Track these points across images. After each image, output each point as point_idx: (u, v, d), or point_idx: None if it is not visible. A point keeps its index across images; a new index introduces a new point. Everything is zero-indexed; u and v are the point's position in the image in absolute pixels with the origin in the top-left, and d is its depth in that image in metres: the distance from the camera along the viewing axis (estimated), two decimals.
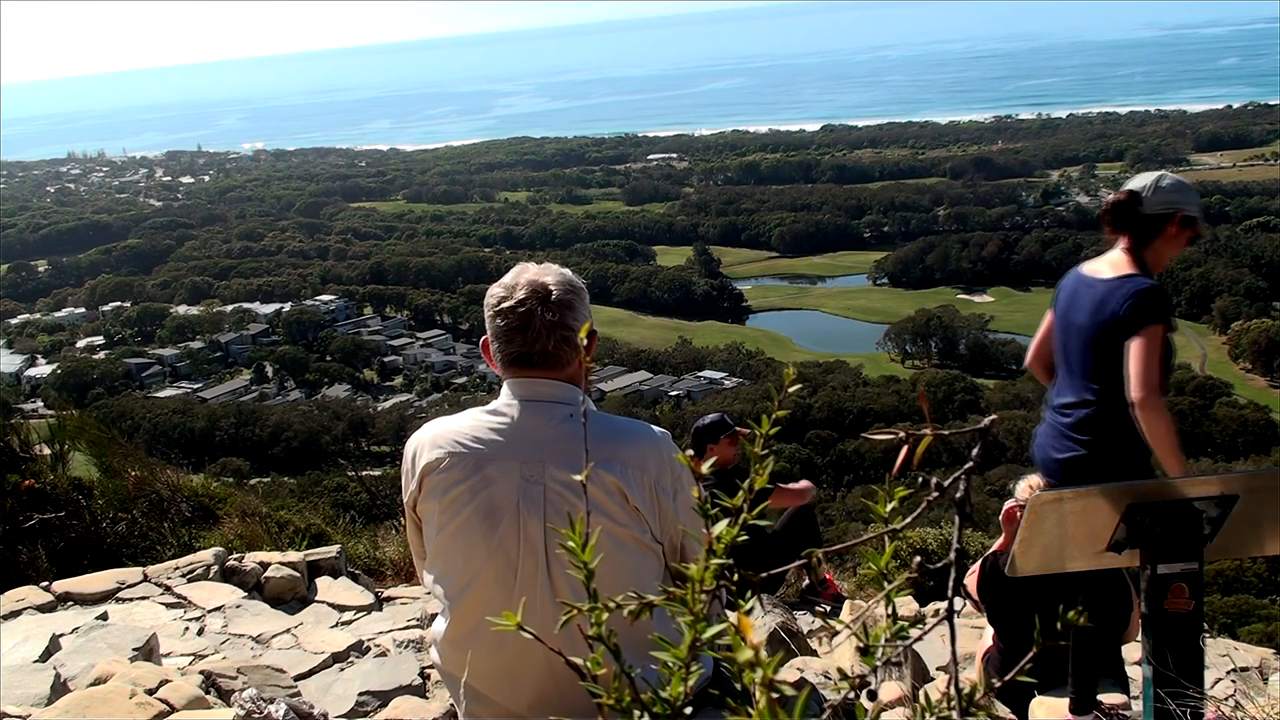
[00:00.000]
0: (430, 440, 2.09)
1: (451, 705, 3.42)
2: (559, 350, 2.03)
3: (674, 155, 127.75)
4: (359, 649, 3.94)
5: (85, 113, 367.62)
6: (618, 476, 1.96)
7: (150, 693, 2.80)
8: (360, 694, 3.47)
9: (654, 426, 2.10)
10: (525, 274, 2.10)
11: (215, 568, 4.45)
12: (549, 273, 2.10)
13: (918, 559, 0.84)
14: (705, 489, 4.20)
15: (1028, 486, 3.71)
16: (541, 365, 2.04)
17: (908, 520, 0.82)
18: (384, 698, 3.47)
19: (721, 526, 0.80)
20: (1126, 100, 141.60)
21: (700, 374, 59.48)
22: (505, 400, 2.07)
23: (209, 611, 4.14)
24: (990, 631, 3.87)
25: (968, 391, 52.21)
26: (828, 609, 5.60)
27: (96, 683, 2.89)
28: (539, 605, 1.96)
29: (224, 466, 39.07)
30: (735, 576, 0.79)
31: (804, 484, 5.78)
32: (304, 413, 55.27)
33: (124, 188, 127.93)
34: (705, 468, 0.86)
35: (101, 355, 68.24)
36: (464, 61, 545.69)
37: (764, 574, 0.82)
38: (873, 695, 0.82)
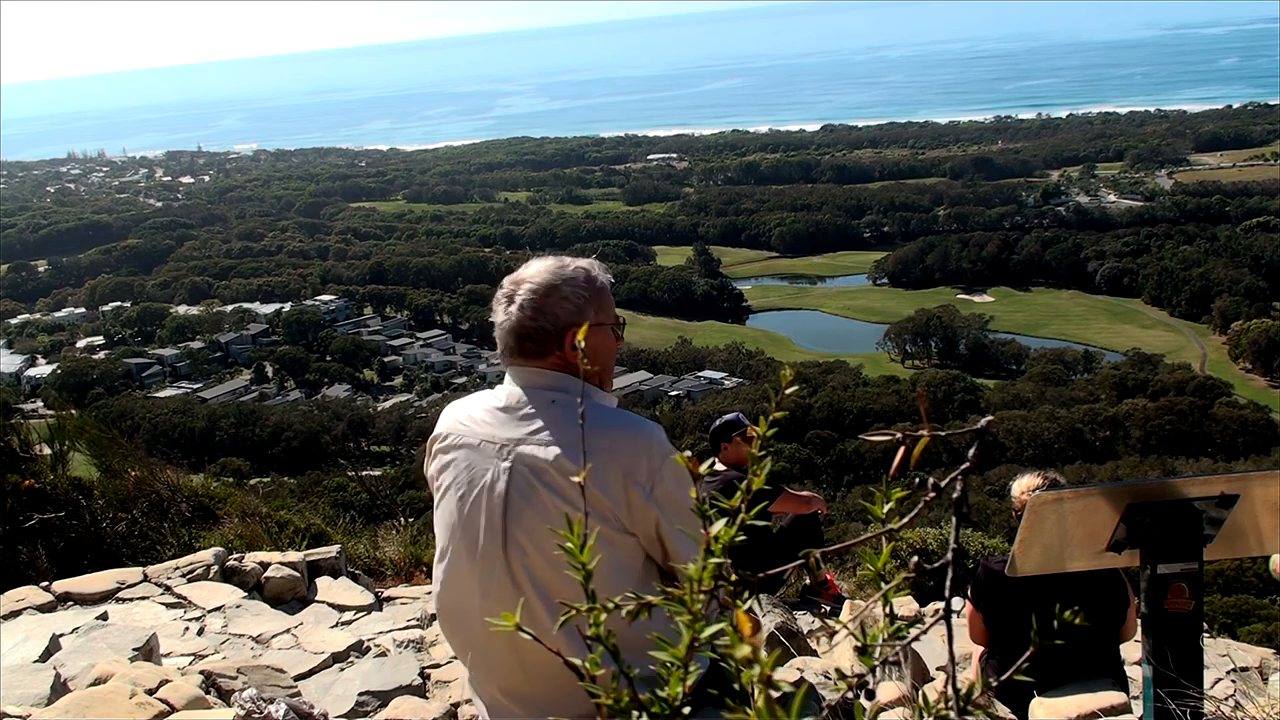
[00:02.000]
0: (444, 416, 2.20)
1: (451, 705, 3.43)
2: (523, 345, 2.07)
3: (674, 155, 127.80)
4: (359, 649, 3.94)
5: (85, 113, 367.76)
6: (573, 465, 1.96)
7: (150, 693, 2.80)
8: (360, 694, 3.47)
9: (646, 421, 2.11)
10: (526, 269, 2.14)
11: (215, 568, 4.45)
12: (538, 268, 2.12)
13: (915, 559, 0.85)
14: (723, 486, 4.18)
15: (1022, 488, 3.71)
16: (519, 356, 2.09)
17: (905, 521, 0.83)
18: (384, 698, 3.47)
19: (719, 526, 0.81)
20: (1126, 100, 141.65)
21: (700, 374, 59.46)
22: (504, 385, 2.14)
23: (209, 611, 4.14)
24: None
25: (968, 391, 52.18)
26: (828, 609, 5.59)
27: (96, 683, 2.89)
28: (496, 585, 2.01)
29: (224, 466, 39.08)
30: (734, 576, 0.79)
31: (809, 494, 5.73)
32: (304, 413, 55.24)
33: (124, 188, 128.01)
34: (704, 469, 0.86)
35: (101, 355, 68.24)
36: (464, 61, 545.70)
37: (763, 574, 0.83)
38: (871, 695, 0.82)
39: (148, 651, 3.39)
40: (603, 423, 2.03)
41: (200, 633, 3.98)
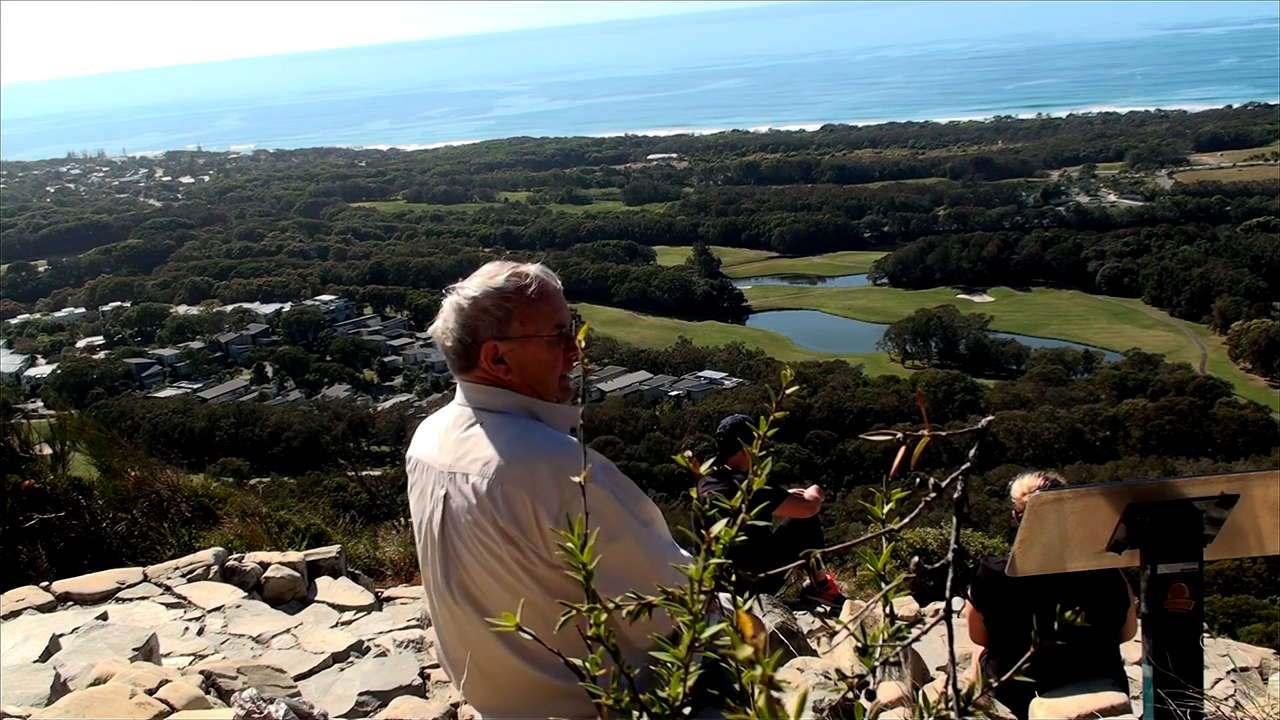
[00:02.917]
0: (414, 436, 2.16)
1: (451, 705, 3.43)
2: (452, 358, 2.03)
3: (674, 155, 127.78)
4: (359, 649, 3.94)
5: (85, 113, 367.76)
6: (486, 495, 1.90)
7: (150, 693, 2.80)
8: (360, 694, 3.47)
9: (565, 441, 1.95)
10: (470, 277, 2.10)
11: (215, 568, 4.45)
12: (474, 277, 2.06)
13: (916, 559, 0.85)
14: (727, 488, 4.14)
15: (1022, 488, 3.70)
16: (455, 369, 2.04)
17: (905, 521, 0.83)
18: (384, 698, 3.47)
19: (720, 527, 0.81)
20: (1126, 100, 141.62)
21: (700, 374, 59.44)
22: (455, 399, 2.10)
23: (209, 611, 4.14)
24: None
25: (968, 391, 52.18)
26: (828, 609, 5.59)
27: (96, 683, 2.89)
28: (446, 610, 2.02)
29: (224, 466, 39.06)
30: (734, 577, 0.80)
31: (812, 493, 5.70)
32: (304, 413, 55.23)
33: (124, 188, 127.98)
34: (704, 469, 0.87)
35: (101, 355, 68.22)
36: (464, 61, 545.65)
37: (763, 574, 0.83)
38: (871, 695, 0.83)
39: (148, 651, 3.40)
40: (514, 445, 1.92)
41: (200, 633, 3.98)
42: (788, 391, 0.90)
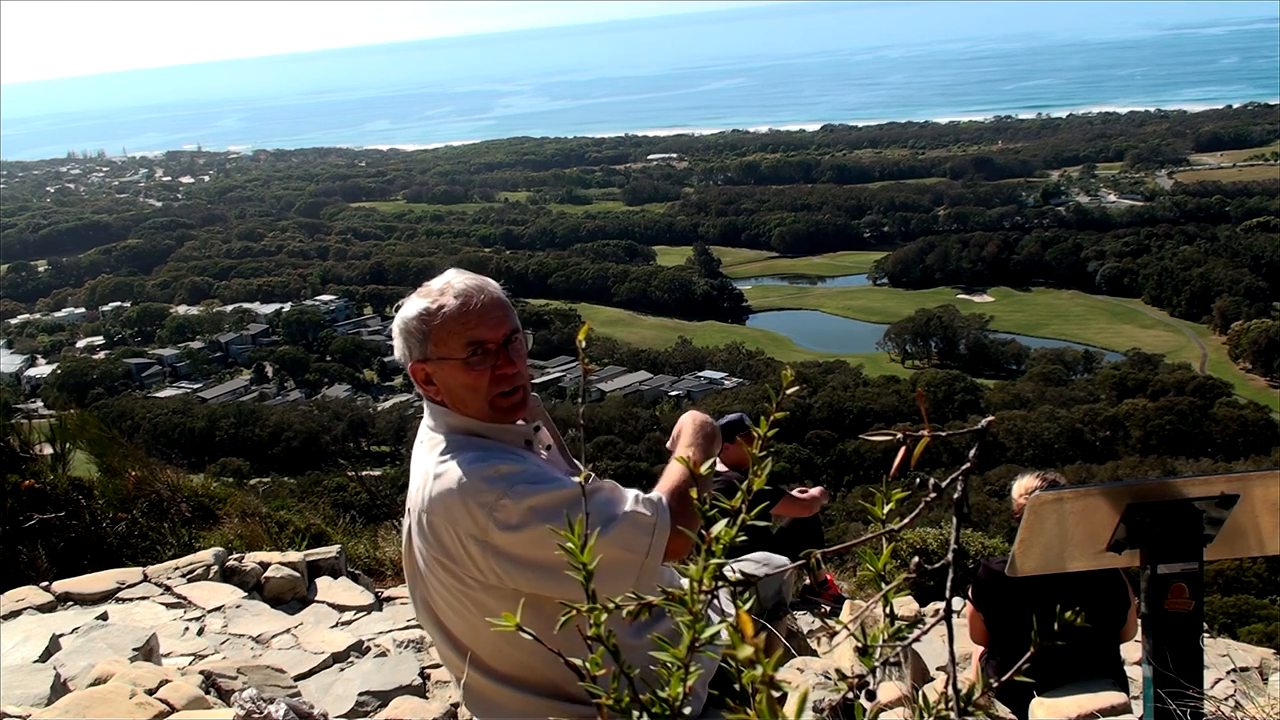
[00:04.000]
0: None
1: (451, 705, 3.43)
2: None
3: (674, 155, 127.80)
4: (359, 649, 3.94)
5: (85, 113, 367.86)
6: (419, 524, 1.92)
7: (150, 693, 2.80)
8: (360, 694, 3.47)
9: (466, 467, 1.87)
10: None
11: (215, 568, 4.45)
12: (412, 295, 2.08)
13: (916, 560, 0.85)
14: (724, 487, 4.15)
15: (1022, 489, 3.70)
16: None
17: (905, 521, 0.83)
18: (384, 698, 3.47)
19: (720, 527, 0.81)
20: (1126, 100, 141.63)
21: (700, 374, 59.43)
22: None
23: (209, 611, 4.14)
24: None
25: (968, 391, 52.15)
26: (828, 609, 5.59)
27: (96, 683, 2.89)
28: (421, 620, 2.07)
29: (224, 466, 39.00)
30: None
31: (813, 493, 5.68)
32: (304, 413, 55.19)
33: (124, 188, 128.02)
34: (704, 469, 0.89)
35: (101, 355, 68.21)
36: (464, 61, 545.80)
37: (764, 574, 0.85)
38: (871, 695, 0.83)
39: (148, 651, 3.39)
40: (437, 472, 1.89)
41: (200, 633, 3.98)
42: (788, 392, 0.90)
